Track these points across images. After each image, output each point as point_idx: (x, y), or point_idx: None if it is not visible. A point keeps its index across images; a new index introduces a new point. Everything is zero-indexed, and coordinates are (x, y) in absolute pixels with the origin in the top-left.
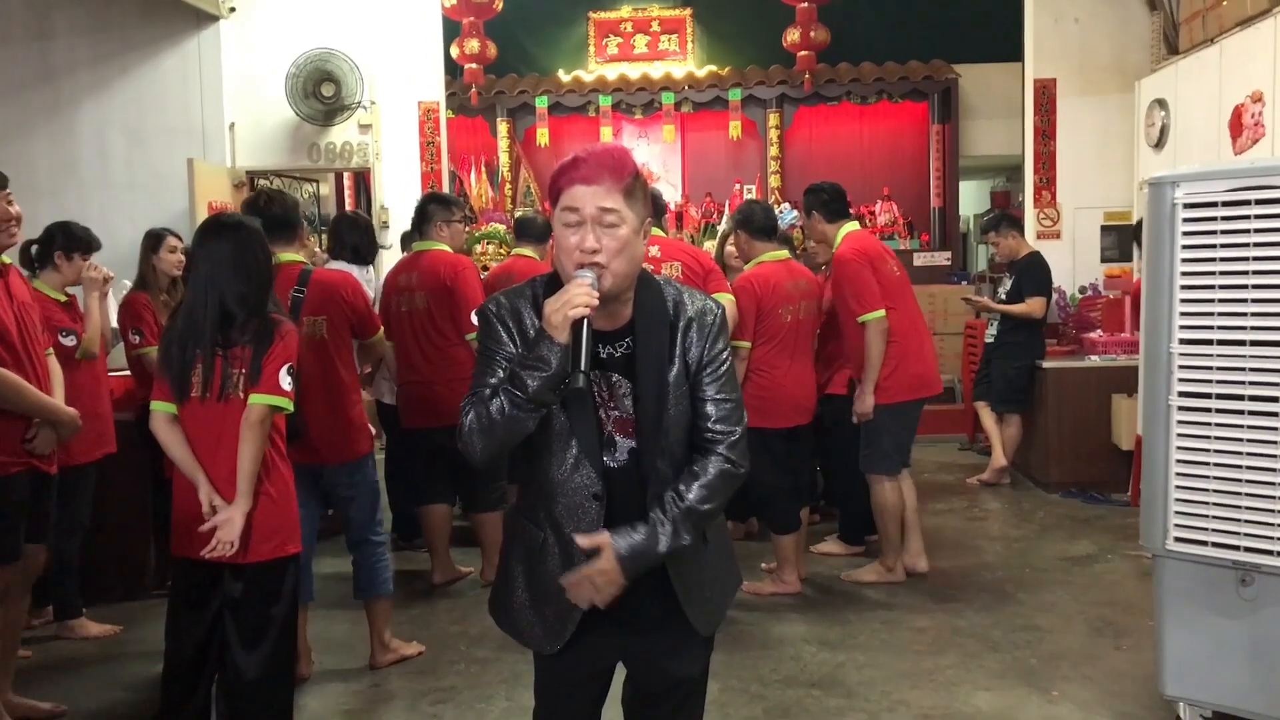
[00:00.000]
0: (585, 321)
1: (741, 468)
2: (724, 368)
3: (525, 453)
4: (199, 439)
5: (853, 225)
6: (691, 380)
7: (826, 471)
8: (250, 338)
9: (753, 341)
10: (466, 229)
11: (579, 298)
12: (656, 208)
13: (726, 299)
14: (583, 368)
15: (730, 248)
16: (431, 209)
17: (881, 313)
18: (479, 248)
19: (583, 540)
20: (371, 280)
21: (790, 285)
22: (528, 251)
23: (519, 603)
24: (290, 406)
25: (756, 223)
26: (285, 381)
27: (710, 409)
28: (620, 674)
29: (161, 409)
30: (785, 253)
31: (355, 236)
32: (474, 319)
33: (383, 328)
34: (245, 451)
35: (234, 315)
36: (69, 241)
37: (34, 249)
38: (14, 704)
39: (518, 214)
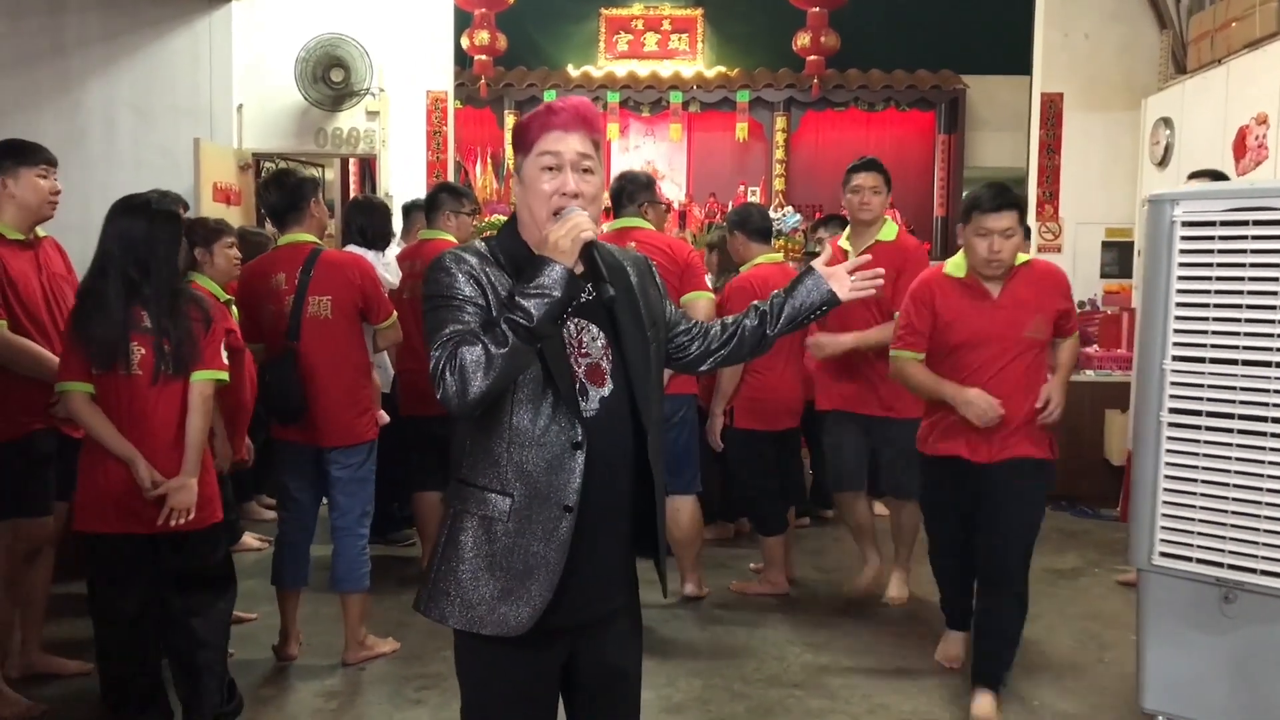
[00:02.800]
0: (593, 245)
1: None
2: (673, 307)
3: (491, 408)
4: (126, 417)
5: (771, 256)
6: (660, 323)
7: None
8: (171, 317)
9: None
10: (474, 221)
11: (585, 221)
12: (640, 187)
13: (705, 295)
14: (605, 276)
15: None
16: (442, 198)
17: None
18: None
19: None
20: (390, 265)
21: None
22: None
23: (476, 586)
24: (227, 378)
25: (753, 224)
26: (224, 356)
27: (683, 323)
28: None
29: (77, 388)
30: (780, 255)
31: (362, 219)
32: None
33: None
34: (195, 423)
35: (143, 292)
36: None
37: None
38: (42, 661)
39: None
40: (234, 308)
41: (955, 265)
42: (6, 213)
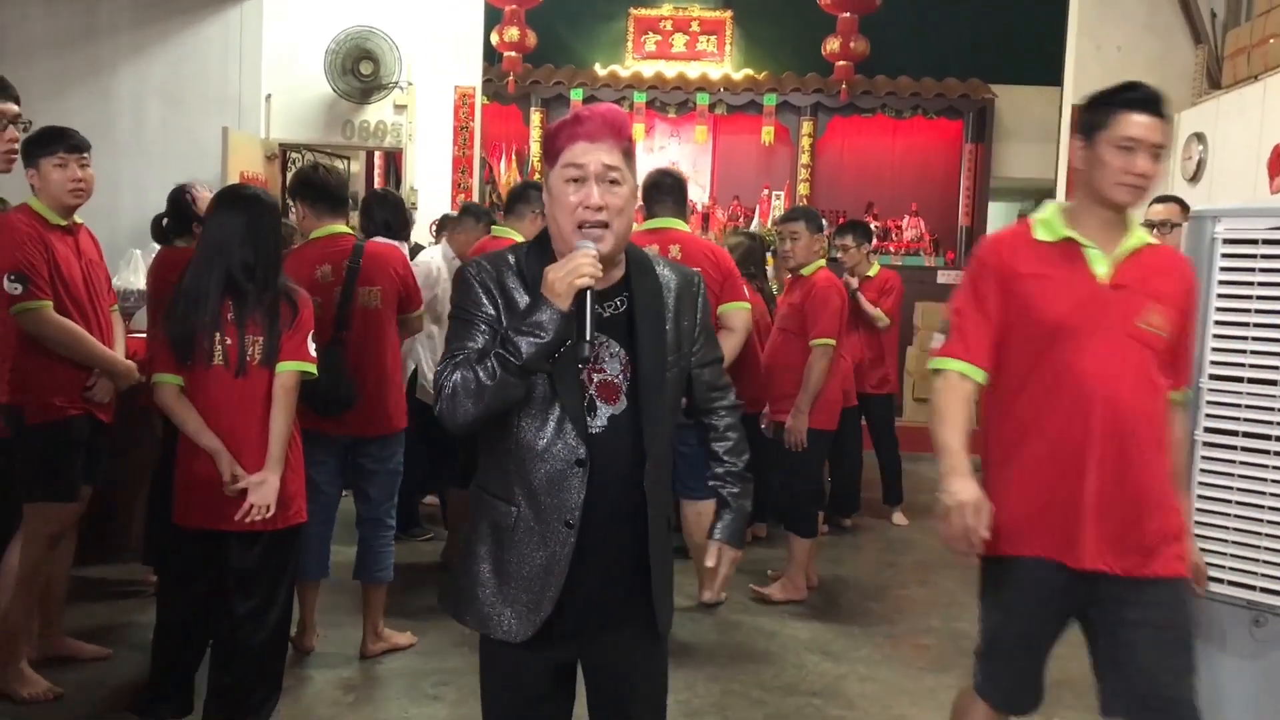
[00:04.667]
0: (588, 291)
1: (742, 408)
2: (709, 334)
3: (498, 420)
4: (213, 409)
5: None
6: (685, 349)
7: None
8: (265, 309)
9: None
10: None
11: (585, 266)
12: (679, 197)
13: (743, 306)
14: (588, 337)
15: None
16: (534, 194)
17: None
18: None
19: (709, 561)
20: (450, 260)
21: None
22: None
23: (485, 588)
24: (316, 371)
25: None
26: (311, 348)
27: (707, 375)
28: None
29: (169, 380)
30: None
31: (386, 213)
32: None
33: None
34: (280, 417)
35: (241, 286)
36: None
37: (165, 221)
38: (62, 644)
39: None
40: None
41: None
42: (44, 199)
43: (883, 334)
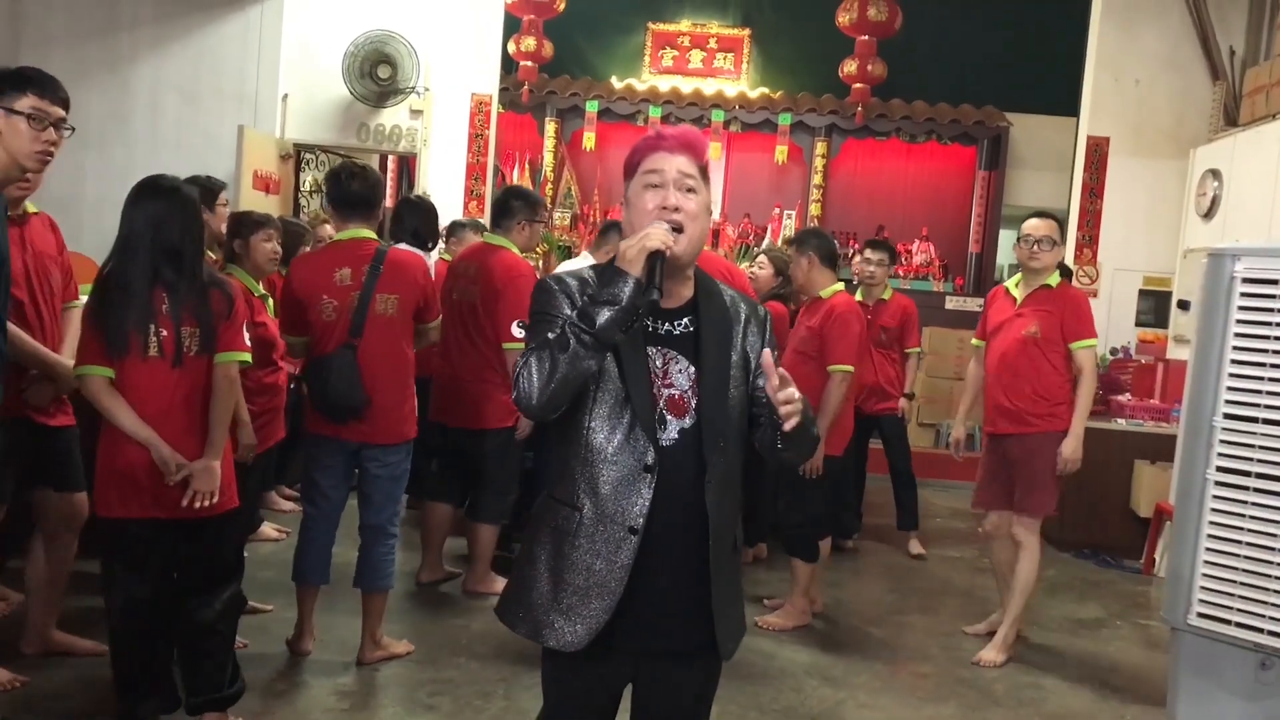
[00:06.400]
0: (661, 257)
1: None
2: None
3: (570, 422)
4: (149, 400)
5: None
6: (752, 376)
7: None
8: (196, 299)
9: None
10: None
11: (656, 232)
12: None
13: None
14: (657, 284)
15: (868, 268)
16: (516, 205)
17: None
18: None
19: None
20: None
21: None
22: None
23: (541, 597)
24: (251, 360)
25: (827, 251)
26: (246, 338)
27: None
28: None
29: (97, 373)
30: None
31: (417, 220)
32: (514, 330)
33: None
34: (220, 406)
35: (169, 276)
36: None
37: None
38: (57, 640)
39: (557, 215)
40: (269, 302)
41: None
42: None
43: (904, 357)
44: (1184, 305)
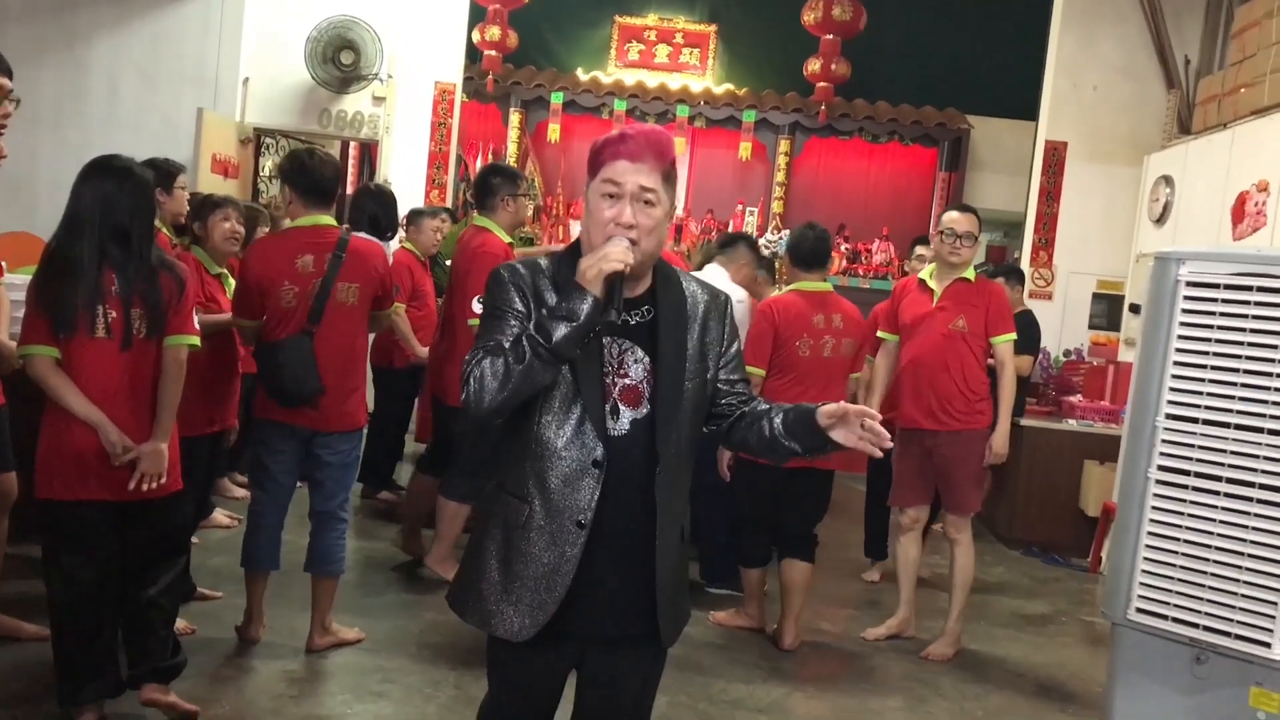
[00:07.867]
0: (620, 276)
1: None
2: (740, 357)
3: (520, 416)
4: (96, 381)
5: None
6: (712, 367)
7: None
8: (145, 281)
9: (767, 370)
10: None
11: (615, 253)
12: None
13: None
14: (616, 306)
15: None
16: (496, 182)
17: None
18: None
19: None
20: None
21: (817, 318)
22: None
23: (491, 586)
24: (199, 344)
25: (803, 251)
26: (196, 322)
27: (740, 388)
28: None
29: (43, 353)
30: (827, 285)
31: (376, 208)
32: (474, 305)
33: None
34: (168, 388)
35: (117, 256)
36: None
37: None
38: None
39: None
40: (228, 281)
41: None
42: None
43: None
44: (1136, 309)
